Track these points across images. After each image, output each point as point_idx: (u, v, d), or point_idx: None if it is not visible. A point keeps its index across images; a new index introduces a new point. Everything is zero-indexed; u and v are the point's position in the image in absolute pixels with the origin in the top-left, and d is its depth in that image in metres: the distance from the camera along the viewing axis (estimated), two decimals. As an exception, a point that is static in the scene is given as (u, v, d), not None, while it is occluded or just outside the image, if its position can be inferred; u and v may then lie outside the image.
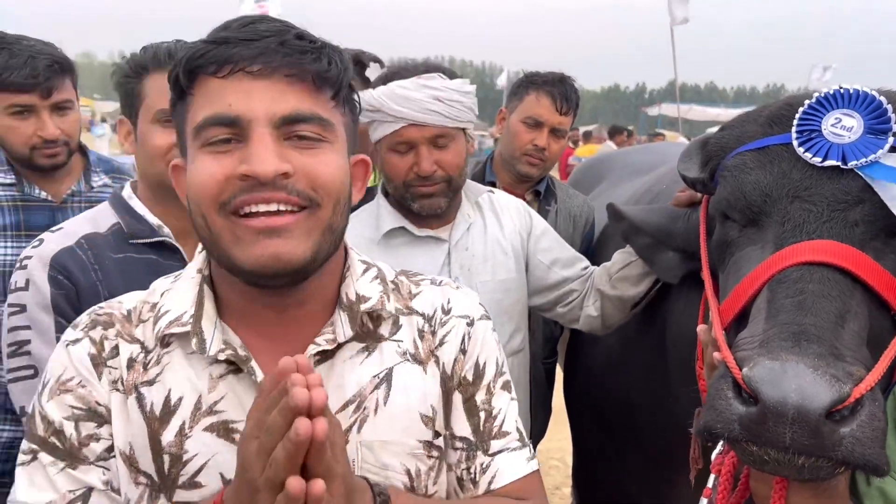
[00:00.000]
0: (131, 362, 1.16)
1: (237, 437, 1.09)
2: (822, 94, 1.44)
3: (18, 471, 1.14)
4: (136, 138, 1.86)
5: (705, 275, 1.64)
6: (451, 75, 2.13)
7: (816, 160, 1.40)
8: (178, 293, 1.20)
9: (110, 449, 1.14)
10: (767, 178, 1.47)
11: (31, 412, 1.17)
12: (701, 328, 1.48)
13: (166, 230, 1.87)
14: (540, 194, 2.98)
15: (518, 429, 1.32)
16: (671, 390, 2.01)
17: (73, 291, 1.74)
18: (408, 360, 1.23)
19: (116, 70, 1.90)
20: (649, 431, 2.24)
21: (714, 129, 1.83)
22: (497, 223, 2.27)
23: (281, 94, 1.05)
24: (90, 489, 1.12)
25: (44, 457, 1.12)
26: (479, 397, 1.28)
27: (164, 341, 1.16)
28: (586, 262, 2.36)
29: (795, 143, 1.44)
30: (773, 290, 1.33)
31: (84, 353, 1.15)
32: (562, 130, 2.91)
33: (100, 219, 1.88)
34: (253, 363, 1.13)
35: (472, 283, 2.15)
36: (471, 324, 1.30)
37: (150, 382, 1.14)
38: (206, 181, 1.05)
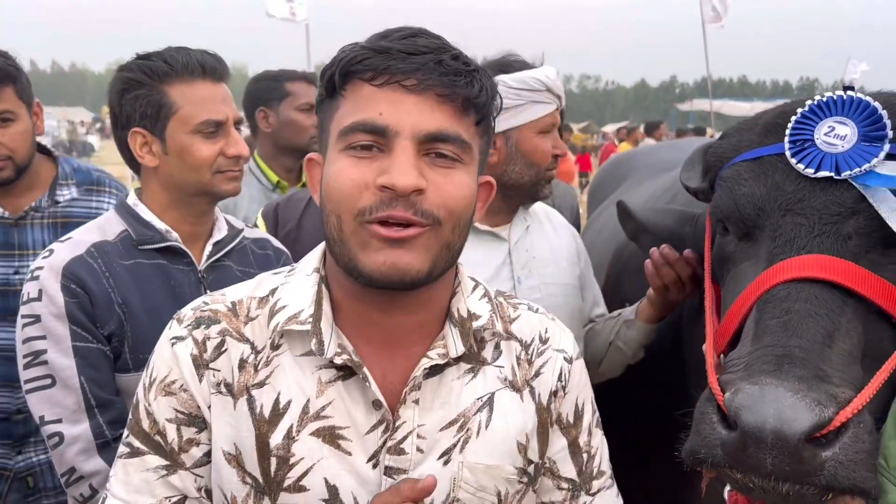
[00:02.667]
0: (243, 363, 1.17)
1: (342, 443, 1.14)
2: (815, 102, 1.40)
3: (118, 462, 1.19)
4: (165, 149, 1.83)
5: (707, 291, 1.61)
6: None
7: (809, 171, 1.36)
8: (295, 289, 1.21)
9: (208, 454, 1.18)
10: (761, 190, 1.44)
11: (136, 404, 1.20)
12: (705, 348, 1.45)
13: (174, 235, 1.87)
14: None
15: (609, 466, 1.37)
16: (690, 396, 1.99)
17: (87, 300, 1.74)
18: (507, 386, 1.24)
19: (122, 79, 1.84)
20: (669, 437, 2.22)
21: None
22: (553, 231, 2.25)
23: (430, 112, 1.08)
24: (185, 497, 1.17)
25: (150, 459, 1.16)
26: (582, 439, 1.32)
27: (274, 343, 1.17)
28: (603, 308, 2.35)
29: (788, 153, 1.40)
30: (761, 309, 1.30)
31: (187, 355, 1.17)
32: None
33: (107, 227, 1.87)
34: (365, 369, 1.14)
35: (535, 283, 2.12)
36: (569, 360, 1.31)
37: (261, 384, 1.16)
38: (346, 186, 1.08)
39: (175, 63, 1.81)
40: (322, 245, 1.25)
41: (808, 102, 1.41)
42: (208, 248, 1.95)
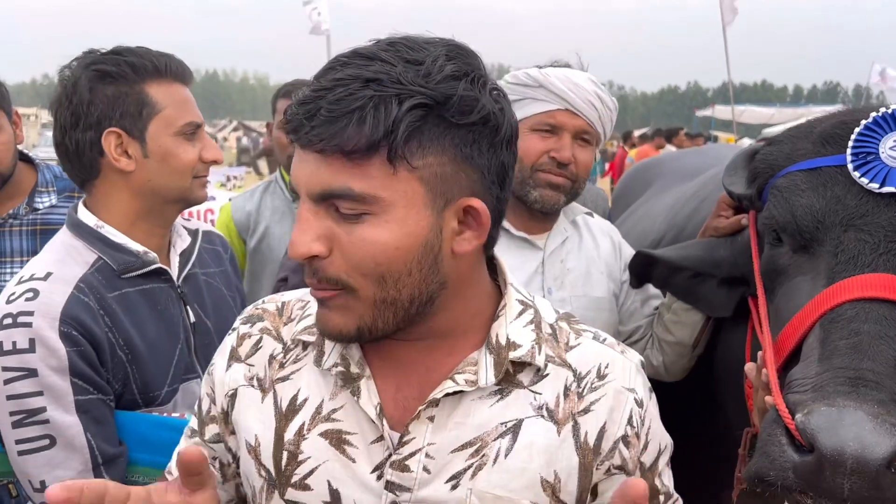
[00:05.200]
0: (271, 359, 1.20)
1: (348, 449, 1.12)
2: (880, 114, 1.35)
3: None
4: (145, 152, 1.68)
5: (761, 303, 1.54)
6: None
7: (873, 186, 1.32)
8: None
9: (218, 436, 1.25)
10: (820, 202, 1.39)
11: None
12: (749, 368, 1.40)
13: (152, 255, 1.72)
14: None
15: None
16: (719, 406, 1.95)
17: (89, 346, 1.55)
18: (542, 416, 1.13)
19: (96, 73, 1.65)
20: (696, 447, 2.17)
21: (770, 130, 1.75)
22: (593, 243, 2.21)
23: (316, 170, 1.01)
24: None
25: (193, 421, 1.29)
26: (658, 482, 1.20)
27: (304, 343, 1.20)
28: (658, 302, 2.21)
29: (850, 166, 1.35)
30: (827, 329, 1.25)
31: (228, 345, 1.24)
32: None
33: (75, 256, 1.65)
34: (362, 382, 1.11)
35: (566, 296, 2.08)
36: (641, 404, 1.17)
37: (285, 379, 1.18)
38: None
39: (158, 62, 1.69)
40: None
41: (873, 114, 1.37)
42: (175, 258, 1.83)
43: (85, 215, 1.71)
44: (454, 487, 1.09)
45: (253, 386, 1.20)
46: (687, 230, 2.36)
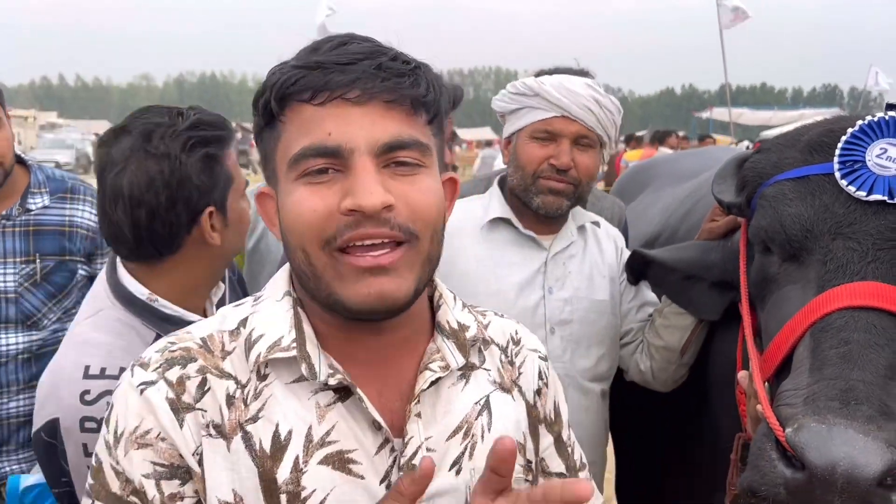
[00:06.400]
0: (231, 399, 1.07)
1: (353, 467, 1.08)
2: (866, 122, 1.36)
3: None
4: (226, 222, 1.65)
5: (744, 311, 1.56)
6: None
7: (861, 194, 1.32)
8: (267, 317, 1.12)
9: None
10: (808, 211, 1.39)
11: (97, 467, 1.07)
12: (742, 376, 1.41)
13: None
14: None
15: (585, 458, 1.38)
16: (712, 409, 1.96)
17: None
18: (498, 388, 1.22)
19: (205, 155, 1.58)
20: (691, 449, 2.18)
21: (767, 133, 1.76)
22: (598, 248, 2.26)
23: (381, 120, 1.02)
24: None
25: None
26: (564, 434, 1.33)
27: (260, 373, 1.08)
28: (652, 310, 2.25)
29: (838, 174, 1.36)
30: (817, 338, 1.25)
31: (162, 399, 1.05)
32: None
33: (136, 341, 1.56)
34: (359, 389, 1.08)
35: (567, 296, 2.13)
36: (544, 359, 1.32)
37: (254, 419, 1.06)
38: (308, 217, 1.01)
39: (230, 131, 1.64)
40: (286, 269, 1.18)
41: (859, 122, 1.37)
42: (211, 310, 1.77)
43: (134, 286, 1.62)
44: (458, 472, 1.14)
45: (212, 435, 1.05)
46: (680, 231, 2.38)
